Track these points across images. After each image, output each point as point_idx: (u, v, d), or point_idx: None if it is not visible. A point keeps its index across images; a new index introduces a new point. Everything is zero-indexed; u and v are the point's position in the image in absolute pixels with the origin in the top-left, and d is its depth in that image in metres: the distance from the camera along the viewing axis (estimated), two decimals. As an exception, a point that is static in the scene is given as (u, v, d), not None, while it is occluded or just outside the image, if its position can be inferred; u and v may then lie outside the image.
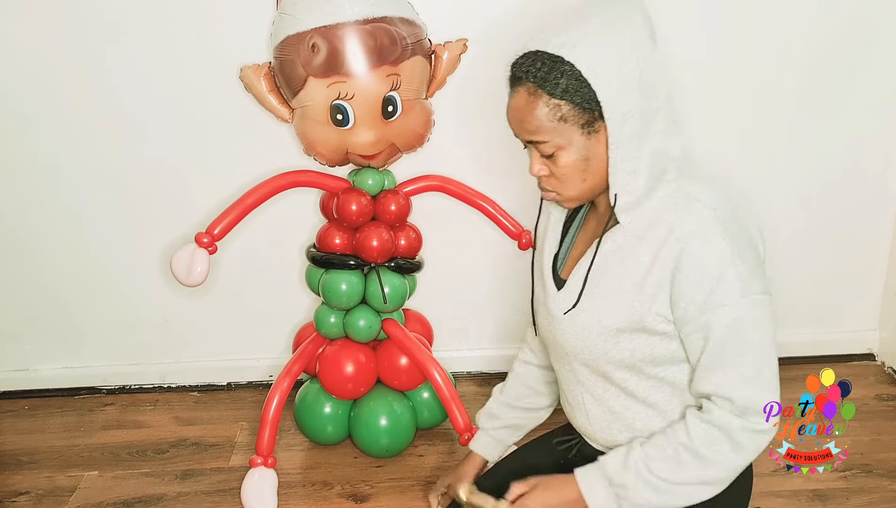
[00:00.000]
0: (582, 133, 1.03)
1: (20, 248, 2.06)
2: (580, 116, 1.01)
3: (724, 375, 1.02)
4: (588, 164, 1.05)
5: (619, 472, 1.06)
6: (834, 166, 2.06)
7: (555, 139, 1.03)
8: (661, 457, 1.05)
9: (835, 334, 2.25)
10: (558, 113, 1.01)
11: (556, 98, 1.01)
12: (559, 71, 1.00)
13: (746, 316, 1.00)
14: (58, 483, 1.85)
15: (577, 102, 1.00)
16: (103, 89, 1.89)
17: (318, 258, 1.77)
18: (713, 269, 0.98)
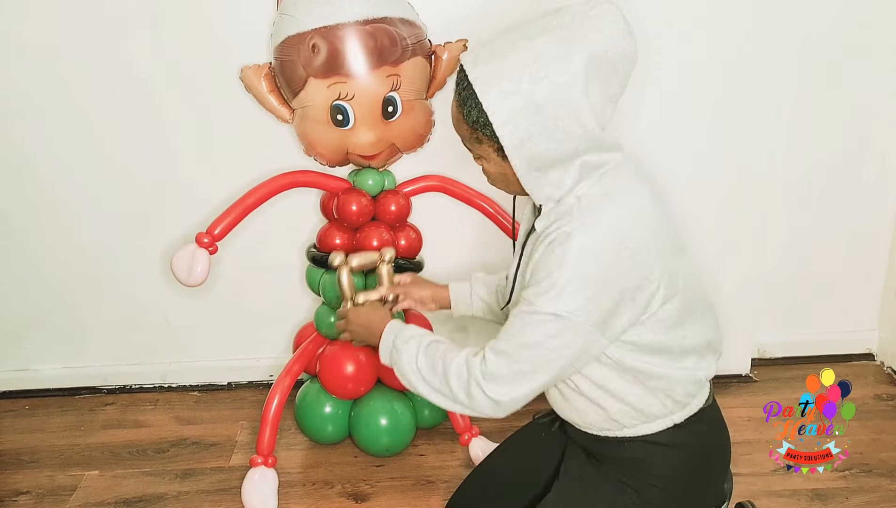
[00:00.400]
0: (496, 154, 1.08)
1: (21, 248, 2.06)
2: (492, 143, 1.07)
3: (496, 339, 1.10)
4: (506, 177, 1.12)
5: (405, 339, 1.20)
6: (834, 166, 2.06)
7: (475, 151, 1.12)
8: (428, 356, 1.16)
9: (834, 334, 2.25)
10: (475, 135, 1.08)
11: (468, 123, 1.07)
12: (473, 102, 1.04)
13: (536, 315, 1.04)
14: (58, 482, 1.85)
15: (487, 134, 1.05)
16: (104, 89, 1.89)
17: (318, 258, 1.77)
18: (539, 274, 1.05)
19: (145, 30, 1.83)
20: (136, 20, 1.82)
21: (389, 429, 1.82)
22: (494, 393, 1.08)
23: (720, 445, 1.25)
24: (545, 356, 1.06)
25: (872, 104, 2.00)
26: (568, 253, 1.02)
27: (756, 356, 2.24)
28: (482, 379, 1.09)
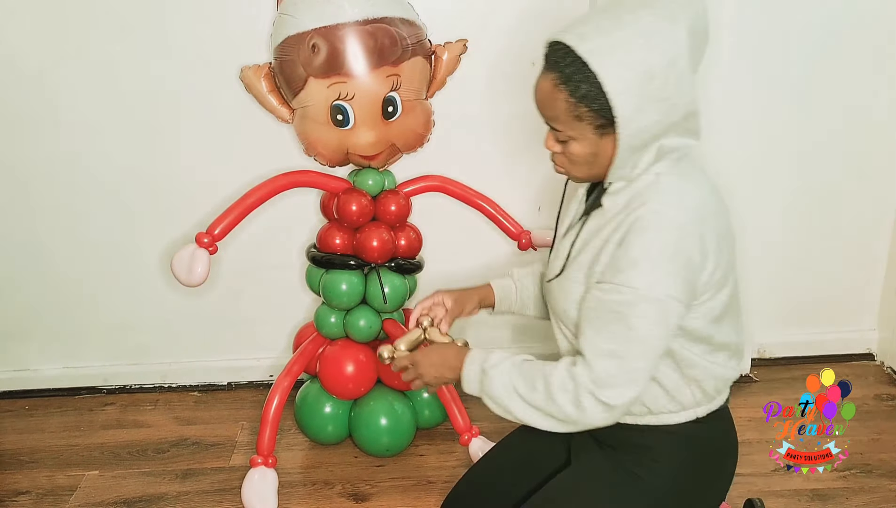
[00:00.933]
0: (594, 132, 1.06)
1: (21, 248, 2.06)
2: (595, 119, 1.04)
3: (594, 339, 1.06)
4: (596, 158, 1.09)
5: (494, 364, 1.14)
6: (834, 167, 2.06)
7: (568, 131, 1.08)
8: (525, 376, 1.11)
9: (834, 334, 2.25)
10: (575, 112, 1.05)
11: (575, 99, 1.03)
12: (584, 75, 1.01)
13: (640, 306, 1.03)
14: (58, 482, 1.85)
15: (595, 108, 1.03)
16: (103, 90, 1.89)
17: (318, 258, 1.77)
18: (634, 253, 1.03)
19: (145, 30, 1.83)
20: (136, 20, 1.82)
21: (390, 429, 1.82)
22: (609, 398, 1.05)
23: (733, 444, 1.26)
24: (653, 346, 1.05)
25: (873, 103, 2.00)
26: (661, 232, 1.02)
27: (756, 356, 2.24)
28: (593, 386, 1.05)
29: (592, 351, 1.06)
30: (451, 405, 1.79)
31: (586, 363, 1.06)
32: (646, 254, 1.02)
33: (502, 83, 1.94)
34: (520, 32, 1.90)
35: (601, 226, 1.11)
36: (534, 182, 2.05)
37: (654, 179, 1.07)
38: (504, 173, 2.01)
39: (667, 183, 1.07)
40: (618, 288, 1.04)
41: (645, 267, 1.02)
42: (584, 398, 1.05)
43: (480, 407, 1.15)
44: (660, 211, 1.04)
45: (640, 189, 1.07)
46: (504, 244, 2.03)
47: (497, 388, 1.12)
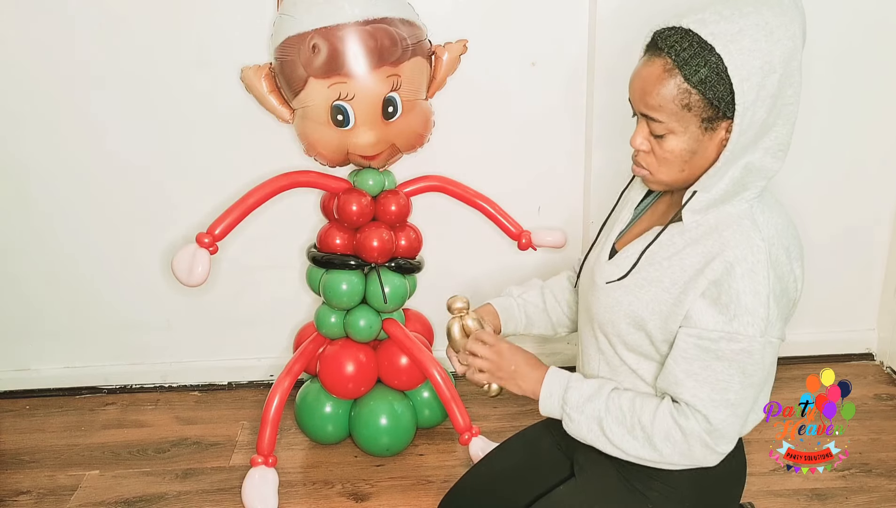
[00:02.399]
0: (700, 126, 1.00)
1: (21, 248, 2.06)
2: (706, 109, 0.99)
3: (705, 390, 1.03)
4: (693, 156, 1.03)
5: (576, 406, 1.10)
6: (834, 167, 2.06)
7: (671, 123, 1.01)
8: (619, 421, 1.07)
9: (834, 334, 2.26)
10: (686, 99, 0.99)
11: (690, 84, 0.98)
12: (704, 59, 0.96)
13: (755, 353, 1.01)
14: (59, 482, 1.85)
15: (710, 96, 0.97)
16: (104, 89, 1.89)
17: (318, 258, 1.77)
18: (747, 299, 0.99)
19: (145, 30, 1.83)
20: (136, 20, 1.83)
21: (389, 429, 1.82)
22: (723, 447, 1.04)
23: (741, 470, 1.25)
24: (759, 388, 1.05)
25: (873, 103, 2.00)
26: (771, 274, 0.99)
27: (756, 355, 2.24)
28: (709, 438, 1.03)
29: (706, 403, 1.02)
30: (450, 404, 1.80)
31: (699, 414, 1.03)
32: (757, 299, 0.98)
33: (502, 83, 1.94)
34: (520, 32, 1.90)
35: (681, 246, 1.05)
36: (534, 182, 2.05)
37: (748, 208, 1.03)
38: (504, 173, 2.01)
39: (762, 216, 1.03)
40: (732, 336, 1.00)
41: (760, 313, 0.99)
42: (696, 448, 1.04)
43: (481, 407, 1.15)
44: (762, 249, 0.99)
45: (733, 217, 1.02)
46: (504, 244, 2.03)
47: (581, 428, 1.10)
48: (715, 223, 1.03)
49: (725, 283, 1.00)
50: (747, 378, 1.02)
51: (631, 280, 1.10)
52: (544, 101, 1.96)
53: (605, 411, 1.08)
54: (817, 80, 1.96)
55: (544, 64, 1.93)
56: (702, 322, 1.02)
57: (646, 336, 1.10)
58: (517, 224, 1.90)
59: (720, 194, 1.03)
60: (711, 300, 1.01)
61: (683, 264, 1.04)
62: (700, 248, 1.03)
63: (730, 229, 1.02)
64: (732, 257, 1.00)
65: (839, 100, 1.99)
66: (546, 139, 2.00)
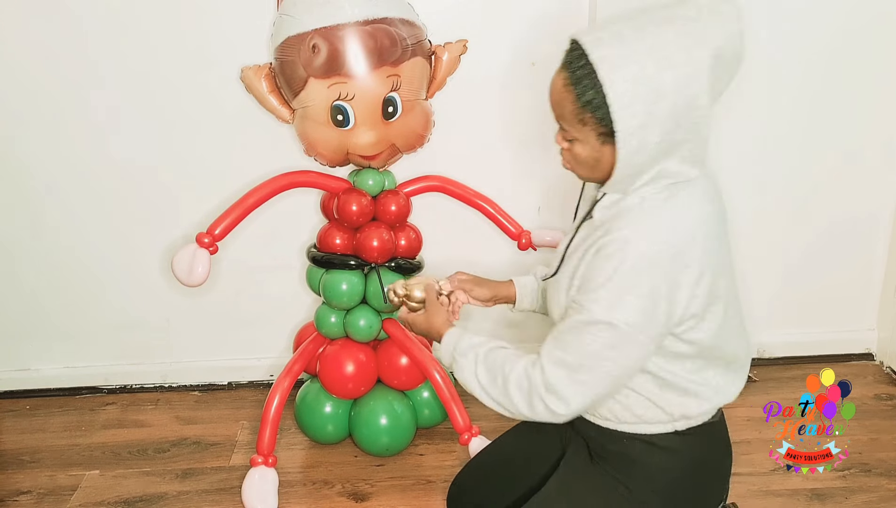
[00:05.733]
0: (597, 139, 1.04)
1: (21, 248, 2.06)
2: (598, 126, 1.02)
3: (552, 346, 1.08)
4: (598, 163, 1.07)
5: (462, 353, 1.18)
6: (833, 166, 2.06)
7: (574, 133, 1.06)
8: (488, 368, 1.14)
9: (834, 334, 2.25)
10: (581, 116, 1.03)
11: (580, 103, 1.02)
12: (591, 82, 0.99)
13: (595, 327, 1.03)
14: (59, 482, 1.85)
15: (598, 116, 1.01)
16: (104, 89, 1.89)
17: (318, 258, 1.77)
18: (598, 277, 1.03)
19: (145, 30, 1.83)
20: (136, 20, 1.83)
21: (389, 429, 1.82)
22: (556, 406, 1.07)
23: (718, 463, 1.23)
24: (602, 366, 1.05)
25: (872, 103, 2.00)
26: (626, 260, 1.01)
27: (756, 356, 2.24)
28: (544, 392, 1.07)
29: (547, 357, 1.08)
30: (450, 404, 1.80)
31: (541, 367, 1.08)
32: (608, 281, 1.02)
33: (502, 83, 1.94)
34: (520, 32, 1.90)
35: (587, 237, 1.11)
36: (534, 182, 2.05)
37: (639, 202, 1.06)
38: (504, 174, 2.01)
39: (648, 210, 1.05)
40: (580, 307, 1.05)
41: (604, 294, 1.02)
42: (536, 401, 1.08)
43: (481, 406, 1.16)
44: (629, 240, 1.02)
45: (624, 209, 1.07)
46: (504, 244, 2.03)
47: (464, 372, 1.17)
48: (612, 216, 1.08)
49: (597, 261, 1.05)
50: (583, 347, 1.05)
51: (560, 275, 1.17)
52: (544, 101, 1.96)
53: (482, 358, 1.15)
54: (817, 79, 1.96)
55: (544, 64, 1.92)
56: (576, 292, 1.09)
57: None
58: (517, 224, 1.90)
59: (629, 192, 1.08)
60: (583, 276, 1.08)
61: (582, 250, 1.10)
62: (595, 236, 1.08)
63: (618, 221, 1.06)
64: (606, 240, 1.04)
65: (839, 100, 1.99)
66: (546, 139, 2.00)
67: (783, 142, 2.01)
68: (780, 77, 1.94)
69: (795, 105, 1.98)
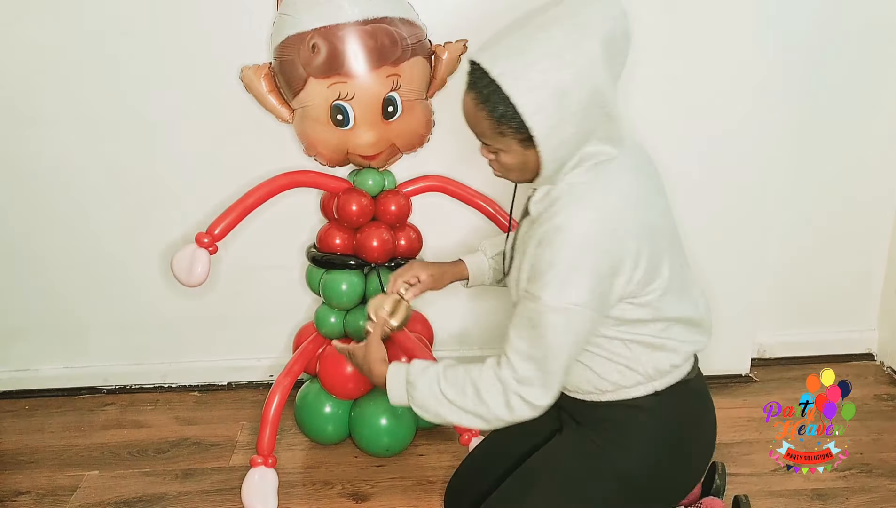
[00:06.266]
0: (519, 145, 1.10)
1: (21, 247, 2.06)
2: (517, 134, 1.08)
3: (516, 342, 1.12)
4: (525, 165, 1.13)
5: (416, 375, 1.19)
6: (834, 167, 2.06)
7: (496, 145, 1.12)
8: (451, 382, 1.16)
9: (834, 334, 2.25)
10: (498, 129, 1.08)
11: (494, 118, 1.07)
12: (499, 97, 1.04)
13: (546, 316, 1.08)
14: (58, 482, 1.85)
15: (514, 126, 1.06)
16: (103, 90, 1.89)
17: (318, 258, 1.77)
18: (542, 264, 1.08)
19: (145, 30, 1.83)
20: (136, 20, 1.82)
21: (389, 429, 1.82)
22: (534, 397, 1.11)
23: (700, 417, 1.28)
24: (564, 349, 1.10)
25: (872, 104, 2.00)
26: (564, 245, 1.07)
27: (756, 356, 2.24)
28: (519, 387, 1.11)
29: (514, 353, 1.12)
30: (451, 405, 1.79)
31: (510, 364, 1.12)
32: (550, 267, 1.07)
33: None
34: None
35: (527, 232, 1.17)
36: (534, 182, 2.04)
37: (567, 188, 1.12)
38: (504, 173, 2.01)
39: (578, 193, 1.11)
40: (530, 297, 1.10)
41: (549, 279, 1.07)
42: (513, 398, 1.11)
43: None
44: (564, 225, 1.08)
45: (554, 198, 1.12)
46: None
47: (425, 397, 1.17)
48: (547, 204, 1.13)
49: (539, 251, 1.10)
50: (542, 339, 1.09)
51: (510, 274, 1.23)
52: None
53: (441, 374, 1.17)
54: (817, 80, 1.96)
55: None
56: (525, 284, 1.13)
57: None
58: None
59: (557, 182, 1.13)
60: (530, 267, 1.12)
61: (528, 244, 1.14)
62: (536, 227, 1.13)
63: (550, 208, 1.12)
64: (544, 229, 1.10)
65: (839, 98, 1.99)
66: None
67: (783, 142, 2.01)
68: (780, 77, 1.93)
69: (796, 105, 1.98)
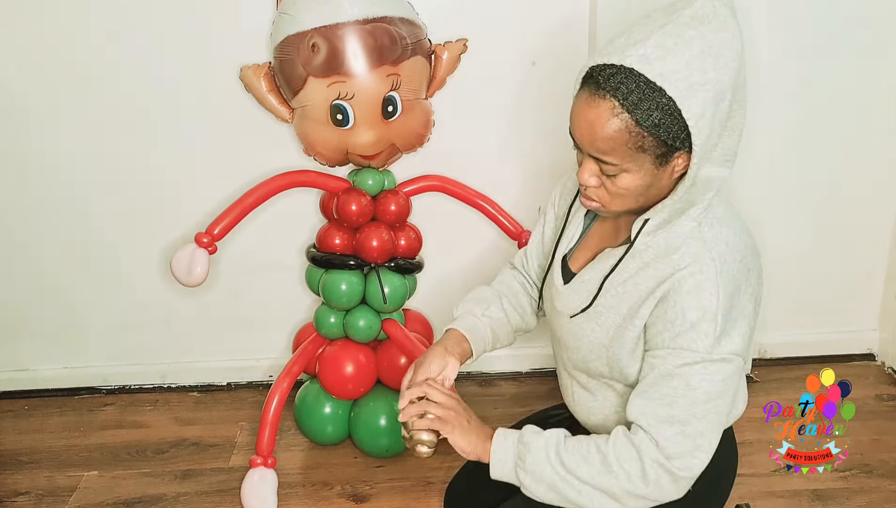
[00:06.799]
0: (654, 163, 0.96)
1: (20, 247, 2.06)
2: (659, 147, 0.95)
3: (651, 407, 0.99)
4: (648, 190, 0.99)
5: (531, 435, 1.04)
6: (834, 167, 2.06)
7: (625, 164, 0.96)
8: (574, 449, 1.01)
9: (835, 334, 2.25)
10: (639, 142, 0.94)
11: (642, 128, 0.93)
12: (655, 102, 0.91)
13: (700, 366, 0.97)
14: (57, 483, 1.85)
15: (663, 137, 0.93)
16: (103, 89, 1.89)
17: (318, 258, 1.77)
18: (692, 315, 0.97)
19: (145, 29, 1.83)
20: (135, 20, 1.82)
21: (389, 430, 1.82)
22: (686, 470, 0.97)
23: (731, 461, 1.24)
24: (716, 406, 0.98)
25: (873, 103, 2.00)
26: (716, 290, 0.96)
27: (756, 356, 2.23)
28: (667, 461, 0.97)
29: (650, 420, 0.98)
30: (450, 405, 1.79)
31: (647, 434, 0.98)
32: (704, 315, 0.96)
33: (502, 83, 1.94)
34: (520, 32, 1.90)
35: (633, 271, 1.03)
36: (534, 182, 2.04)
37: (696, 226, 1.00)
38: (504, 173, 2.01)
39: (710, 233, 0.99)
40: (677, 352, 0.97)
41: (706, 328, 0.96)
42: (650, 467, 0.97)
43: (481, 408, 1.15)
44: (711, 267, 0.96)
45: (681, 237, 1.00)
46: (504, 244, 2.02)
47: (539, 464, 1.02)
48: (665, 246, 1.01)
49: (671, 299, 0.98)
50: (691, 392, 0.97)
51: (592, 309, 1.09)
52: (544, 100, 1.96)
53: (561, 443, 1.03)
54: (817, 80, 1.96)
55: (544, 64, 1.93)
56: (652, 342, 1.01)
57: (607, 362, 1.09)
58: (517, 224, 1.90)
59: (668, 213, 1.01)
60: (657, 318, 1.00)
61: (638, 289, 1.02)
62: (651, 272, 1.01)
63: (678, 252, 0.99)
64: (681, 274, 0.98)
65: (840, 98, 1.99)
66: (546, 139, 2.00)
67: (784, 142, 2.01)
68: (780, 78, 1.93)
69: (796, 105, 1.97)
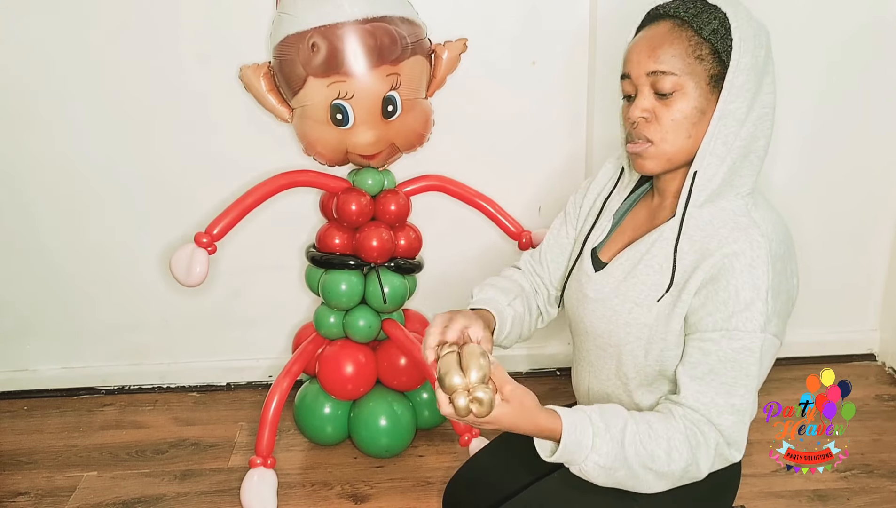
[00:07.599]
0: (708, 83, 0.99)
1: (20, 247, 2.06)
2: (713, 64, 0.98)
3: (711, 397, 0.99)
4: (700, 119, 1.00)
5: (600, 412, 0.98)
6: (834, 166, 2.06)
7: (682, 77, 0.98)
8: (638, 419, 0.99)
9: (835, 334, 2.25)
10: (698, 51, 0.98)
11: (702, 36, 0.98)
12: (712, 14, 0.99)
13: (756, 350, 0.98)
14: (57, 483, 1.85)
15: (718, 49, 0.98)
16: (103, 89, 1.89)
17: (317, 258, 1.77)
18: (746, 294, 0.97)
19: (145, 29, 1.83)
20: (135, 19, 1.82)
21: (389, 430, 1.82)
22: (736, 455, 1.03)
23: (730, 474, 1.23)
24: (754, 386, 1.00)
25: (873, 103, 2.00)
26: (767, 269, 0.97)
27: (756, 356, 2.23)
28: (727, 447, 1.01)
29: (710, 410, 0.99)
30: (450, 405, 1.79)
31: (710, 423, 0.99)
32: (758, 294, 0.96)
33: (502, 83, 1.94)
34: (520, 32, 1.90)
35: (670, 240, 1.03)
36: (534, 182, 2.04)
37: (743, 205, 1.01)
38: (504, 173, 2.01)
39: (760, 213, 1.01)
40: (733, 334, 0.97)
41: (760, 307, 0.96)
42: (717, 457, 1.01)
43: (479, 407, 1.14)
44: (762, 244, 0.97)
45: (729, 213, 1.01)
46: (504, 244, 2.02)
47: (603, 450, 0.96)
48: (710, 220, 1.01)
49: (723, 279, 0.97)
50: (748, 380, 0.98)
51: (627, 286, 1.07)
52: (544, 100, 1.96)
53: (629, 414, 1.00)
54: (818, 79, 1.96)
55: (544, 64, 1.93)
56: (701, 324, 0.99)
57: (645, 344, 1.07)
58: (517, 224, 1.90)
59: (717, 184, 1.01)
60: (707, 299, 0.99)
61: (681, 263, 1.02)
62: (696, 247, 1.01)
63: (727, 226, 1.00)
64: (731, 251, 0.97)
65: (841, 98, 1.99)
66: (546, 139, 2.00)
67: (784, 142, 2.00)
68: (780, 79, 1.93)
69: (797, 106, 1.97)
